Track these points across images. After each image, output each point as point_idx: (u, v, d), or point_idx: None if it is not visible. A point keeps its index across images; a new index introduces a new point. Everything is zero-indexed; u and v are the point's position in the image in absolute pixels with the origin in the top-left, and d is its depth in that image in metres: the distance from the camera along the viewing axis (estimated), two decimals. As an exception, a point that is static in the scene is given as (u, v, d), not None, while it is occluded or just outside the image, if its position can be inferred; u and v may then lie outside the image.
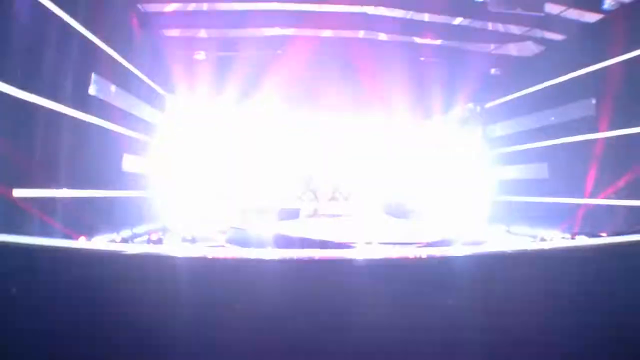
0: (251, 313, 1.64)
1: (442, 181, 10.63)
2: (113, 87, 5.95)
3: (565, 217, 6.02)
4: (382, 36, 7.58)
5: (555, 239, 5.78)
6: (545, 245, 2.58)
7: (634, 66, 5.22)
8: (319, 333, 1.64)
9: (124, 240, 5.32)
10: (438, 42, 7.79)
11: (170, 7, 6.63)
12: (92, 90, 5.35)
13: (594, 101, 6.09)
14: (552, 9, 6.14)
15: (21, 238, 1.80)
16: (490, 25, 7.01)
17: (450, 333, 1.68)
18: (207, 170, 10.18)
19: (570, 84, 6.49)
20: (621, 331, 1.75)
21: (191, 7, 6.65)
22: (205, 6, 6.67)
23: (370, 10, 6.73)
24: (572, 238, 5.59)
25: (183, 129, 8.63)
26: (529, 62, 7.70)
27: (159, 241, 5.82)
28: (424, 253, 2.31)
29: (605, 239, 3.05)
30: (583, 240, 2.83)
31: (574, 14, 6.31)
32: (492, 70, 8.35)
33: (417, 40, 7.69)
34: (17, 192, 3.81)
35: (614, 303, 1.78)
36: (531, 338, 1.72)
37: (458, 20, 7.00)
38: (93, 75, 5.33)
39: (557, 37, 6.99)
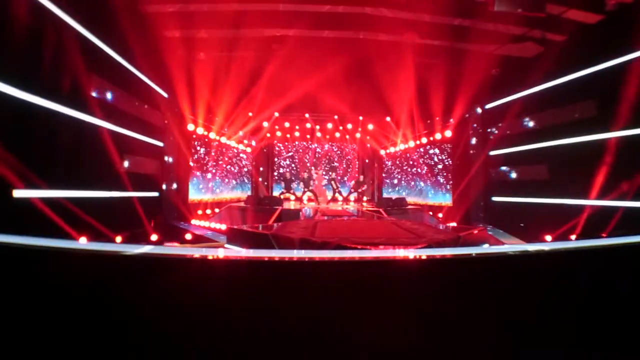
0: (251, 313, 1.64)
1: (442, 181, 10.65)
2: (113, 88, 5.97)
3: (565, 219, 6.01)
4: (383, 36, 7.59)
5: (555, 240, 5.79)
6: (546, 247, 2.57)
7: (635, 67, 5.22)
8: (319, 333, 1.64)
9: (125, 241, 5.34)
10: (438, 42, 7.80)
11: (171, 8, 6.63)
12: (92, 90, 5.36)
13: (594, 102, 6.10)
14: (553, 9, 6.16)
15: (21, 238, 1.80)
16: (491, 26, 7.01)
17: (450, 335, 1.68)
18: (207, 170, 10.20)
19: (570, 85, 6.49)
20: (620, 331, 1.75)
21: (191, 7, 6.66)
22: (205, 6, 6.67)
23: (370, 10, 6.75)
24: (572, 239, 5.59)
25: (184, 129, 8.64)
26: (530, 62, 7.71)
27: (160, 242, 5.83)
28: (424, 254, 2.31)
29: (605, 241, 3.05)
30: (583, 242, 2.83)
31: (574, 14, 6.32)
32: (493, 71, 8.35)
33: (418, 40, 7.69)
34: (17, 193, 3.83)
35: (614, 304, 1.78)
36: (532, 338, 1.72)
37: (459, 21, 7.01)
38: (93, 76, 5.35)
39: (557, 37, 7.00)
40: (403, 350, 1.64)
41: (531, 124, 7.80)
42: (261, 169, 14.41)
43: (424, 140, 11.34)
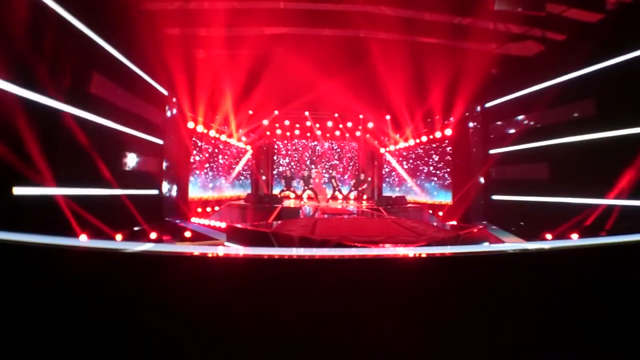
0: (250, 311, 1.64)
1: (442, 180, 10.66)
2: (113, 85, 5.96)
3: (566, 217, 6.01)
4: (383, 35, 7.57)
5: (555, 239, 5.79)
6: (546, 245, 2.57)
7: (635, 66, 5.22)
8: (319, 331, 1.64)
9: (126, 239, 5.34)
10: (439, 41, 7.79)
11: (171, 5, 6.61)
12: (91, 88, 5.35)
13: (594, 101, 6.09)
14: (553, 8, 6.15)
15: (21, 237, 1.79)
16: (491, 25, 7.00)
17: (450, 333, 1.68)
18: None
19: (570, 84, 6.49)
20: (621, 331, 1.75)
21: (192, 5, 6.65)
22: (206, 4, 6.66)
23: (371, 9, 6.74)
24: (573, 238, 5.60)
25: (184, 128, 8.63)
26: (530, 61, 7.70)
27: (160, 240, 5.82)
28: (424, 252, 2.31)
29: (605, 239, 3.05)
30: (583, 240, 2.83)
31: (575, 13, 6.31)
32: (493, 70, 8.34)
33: (418, 39, 7.68)
34: (18, 191, 3.83)
35: (615, 303, 1.78)
36: (532, 337, 1.72)
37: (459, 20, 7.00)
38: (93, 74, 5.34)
39: (558, 36, 6.99)
40: (403, 348, 1.64)
41: (531, 122, 7.80)
42: (261, 169, 14.40)
43: (424, 138, 11.33)
